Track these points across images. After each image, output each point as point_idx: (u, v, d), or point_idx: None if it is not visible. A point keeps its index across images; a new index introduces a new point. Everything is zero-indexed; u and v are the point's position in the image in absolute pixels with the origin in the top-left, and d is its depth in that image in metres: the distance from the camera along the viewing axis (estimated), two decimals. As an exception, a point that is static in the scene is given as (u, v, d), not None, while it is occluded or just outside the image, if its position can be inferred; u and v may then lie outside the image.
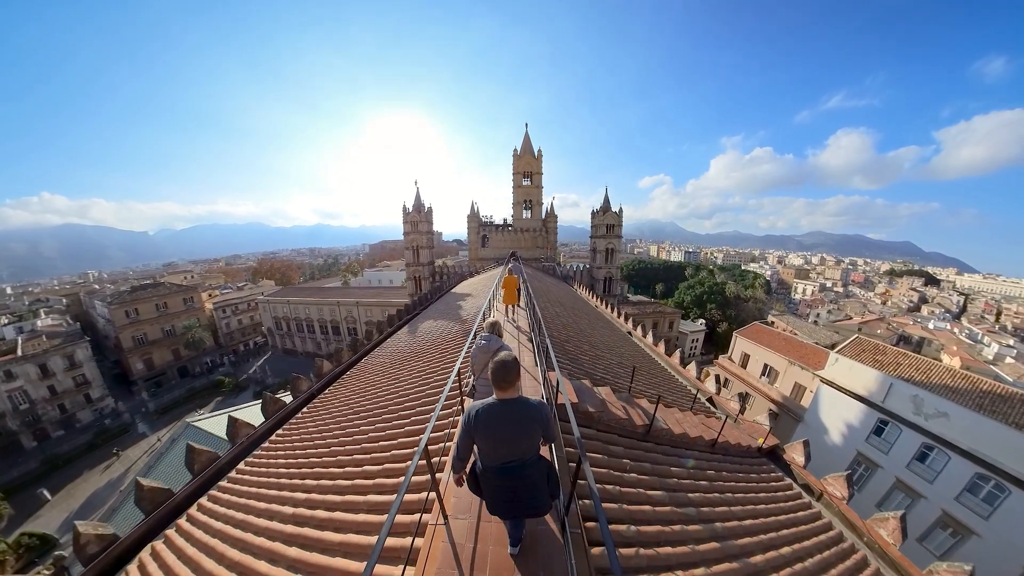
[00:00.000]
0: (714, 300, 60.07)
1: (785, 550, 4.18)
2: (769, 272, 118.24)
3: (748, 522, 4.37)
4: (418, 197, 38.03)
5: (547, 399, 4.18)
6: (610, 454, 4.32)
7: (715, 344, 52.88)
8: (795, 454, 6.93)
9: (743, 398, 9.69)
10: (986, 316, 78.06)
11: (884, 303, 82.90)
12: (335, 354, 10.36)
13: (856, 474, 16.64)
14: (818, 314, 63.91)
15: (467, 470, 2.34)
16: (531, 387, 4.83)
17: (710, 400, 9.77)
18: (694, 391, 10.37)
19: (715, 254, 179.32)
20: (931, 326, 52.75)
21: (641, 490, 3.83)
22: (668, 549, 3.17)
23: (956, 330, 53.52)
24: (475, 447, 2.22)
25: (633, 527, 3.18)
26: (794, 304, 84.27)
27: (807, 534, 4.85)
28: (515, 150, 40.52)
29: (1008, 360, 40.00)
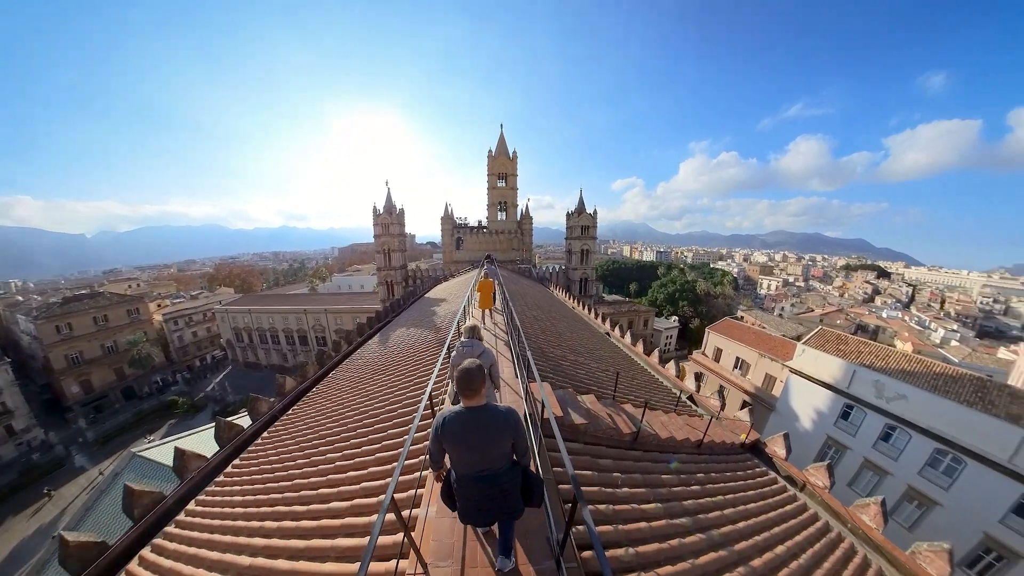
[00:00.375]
0: (686, 298, 62.92)
1: (780, 549, 4.27)
2: (736, 269, 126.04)
3: (742, 524, 4.43)
4: (389, 198, 37.04)
5: (530, 414, 4.00)
6: (599, 468, 4.20)
7: (688, 340, 55.09)
8: (776, 447, 7.15)
9: (722, 394, 10.01)
10: (932, 304, 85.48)
11: (842, 295, 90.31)
12: (300, 368, 9.72)
13: (827, 457, 17.77)
14: (783, 308, 68.46)
15: (443, 472, 2.42)
16: (513, 401, 4.63)
17: (691, 398, 9.95)
18: (676, 391, 10.53)
19: (685, 253, 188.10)
20: (884, 315, 58.24)
21: (634, 505, 3.74)
22: (669, 568, 3.09)
23: (906, 318, 59.24)
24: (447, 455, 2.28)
25: (631, 549, 3.07)
26: (760, 299, 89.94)
27: (797, 528, 5.02)
28: (490, 151, 40.39)
29: (953, 343, 44.97)
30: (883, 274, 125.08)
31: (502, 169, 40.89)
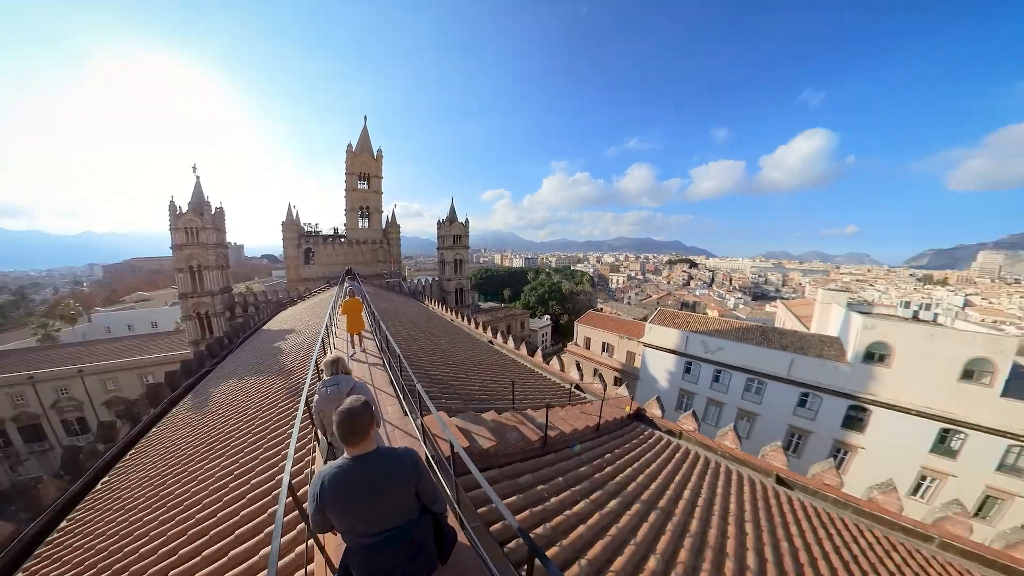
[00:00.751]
0: (554, 298, 72.68)
1: (687, 494, 5.26)
2: (591, 270, 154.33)
3: (653, 485, 5.20)
4: (199, 191, 28.75)
5: (434, 455, 3.49)
6: (522, 488, 4.03)
7: (561, 335, 63.40)
8: (653, 409, 9.09)
9: (601, 376, 11.63)
10: (725, 283, 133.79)
11: (668, 282, 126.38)
12: (29, 491, 6.06)
13: (683, 405, 24.06)
14: (630, 297, 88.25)
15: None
16: (409, 444, 4.00)
17: (577, 387, 11.08)
18: (564, 384, 11.55)
19: (549, 259, 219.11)
20: (698, 293, 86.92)
21: (567, 513, 3.76)
22: (619, 561, 3.23)
23: (711, 293, 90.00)
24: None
25: (583, 561, 3.08)
26: (613, 292, 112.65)
27: (688, 469, 6.39)
28: (350, 146, 36.47)
29: (740, 306, 71.01)
30: (693, 265, 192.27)
31: (364, 168, 37.37)
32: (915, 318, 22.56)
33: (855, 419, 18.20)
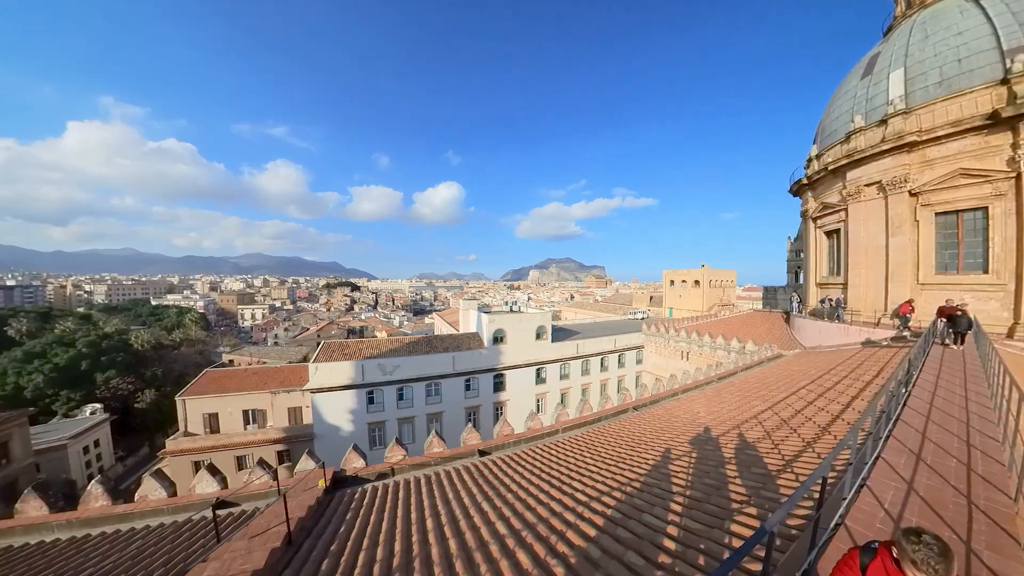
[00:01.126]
0: (111, 364, 42.54)
1: (429, 523, 5.41)
2: (203, 303, 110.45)
3: (398, 546, 4.91)
4: None
5: None
6: None
7: (142, 430, 40.43)
8: (354, 463, 8.07)
9: (261, 463, 8.15)
10: (388, 303, 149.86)
11: (329, 309, 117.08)
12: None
13: (375, 439, 24.05)
14: (276, 335, 73.13)
15: None
16: None
17: (221, 504, 7.06)
18: (194, 517, 6.90)
19: (89, 285, 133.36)
20: (364, 317, 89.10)
21: None
22: None
23: (377, 315, 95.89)
24: None
25: None
26: (247, 332, 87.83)
27: (418, 499, 6.63)
28: None
29: (405, 323, 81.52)
30: (356, 288, 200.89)
31: None
32: (511, 311, 37.14)
33: (499, 384, 27.17)
